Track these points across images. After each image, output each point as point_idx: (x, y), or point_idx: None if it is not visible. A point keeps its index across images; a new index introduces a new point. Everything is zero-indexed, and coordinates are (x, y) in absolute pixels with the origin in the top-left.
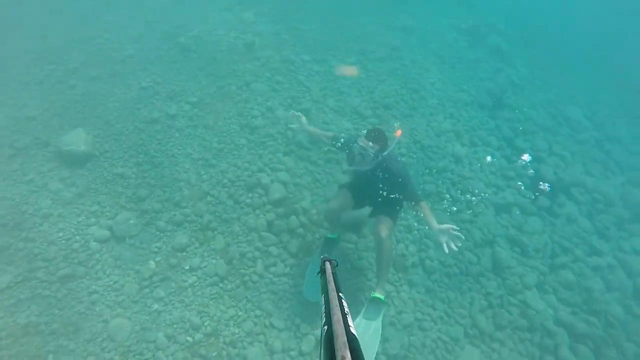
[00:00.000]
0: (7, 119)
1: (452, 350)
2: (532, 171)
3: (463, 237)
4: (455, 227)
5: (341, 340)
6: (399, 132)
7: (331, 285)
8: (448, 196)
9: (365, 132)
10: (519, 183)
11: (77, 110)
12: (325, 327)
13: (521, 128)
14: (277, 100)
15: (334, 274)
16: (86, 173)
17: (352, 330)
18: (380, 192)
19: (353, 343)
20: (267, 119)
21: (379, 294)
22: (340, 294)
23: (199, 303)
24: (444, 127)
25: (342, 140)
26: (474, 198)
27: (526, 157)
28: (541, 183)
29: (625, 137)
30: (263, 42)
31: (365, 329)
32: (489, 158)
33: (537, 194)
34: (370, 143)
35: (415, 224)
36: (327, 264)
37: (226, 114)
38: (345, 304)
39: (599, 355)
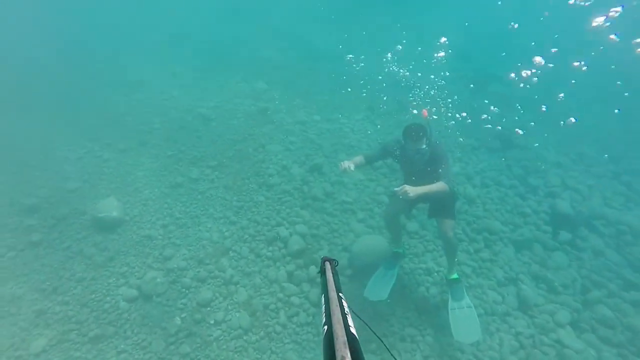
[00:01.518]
0: (50, 191)
1: None
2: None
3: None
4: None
5: (341, 340)
6: (424, 113)
7: (331, 285)
8: (464, 236)
9: (405, 135)
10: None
11: (109, 180)
12: (325, 327)
13: (530, 166)
14: (291, 158)
15: (334, 274)
16: (117, 237)
17: (352, 330)
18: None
19: (353, 343)
20: (283, 176)
21: (454, 275)
22: (340, 294)
23: (224, 357)
24: (453, 170)
25: (381, 151)
26: (491, 237)
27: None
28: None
29: None
30: (276, 107)
31: (460, 309)
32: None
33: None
34: (419, 142)
35: (435, 266)
36: (327, 264)
37: (244, 174)
38: (345, 304)
39: None
